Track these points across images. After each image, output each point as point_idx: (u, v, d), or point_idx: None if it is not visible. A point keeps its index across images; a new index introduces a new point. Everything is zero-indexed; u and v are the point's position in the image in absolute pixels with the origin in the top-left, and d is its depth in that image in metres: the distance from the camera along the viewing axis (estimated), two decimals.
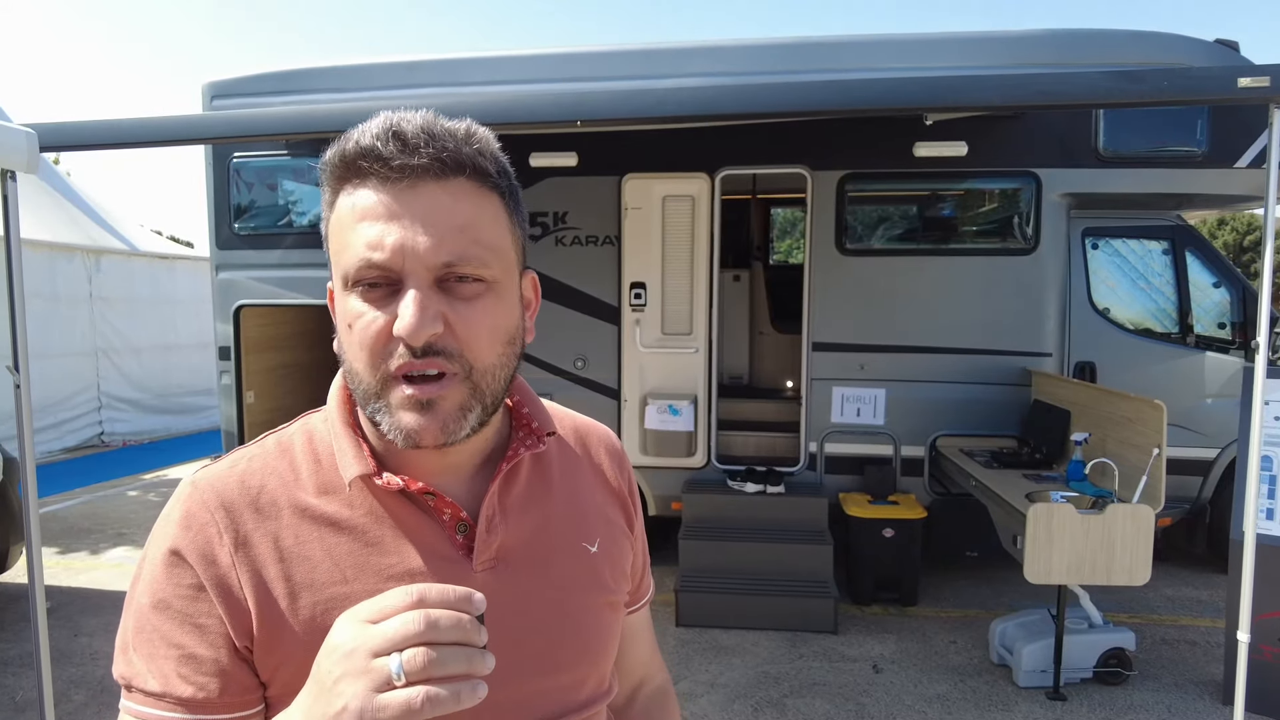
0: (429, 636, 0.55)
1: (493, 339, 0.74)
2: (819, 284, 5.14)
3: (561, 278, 5.31)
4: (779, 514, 4.89)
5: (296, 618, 0.73)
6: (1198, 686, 3.80)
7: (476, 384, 0.73)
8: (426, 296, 0.69)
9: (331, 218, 0.74)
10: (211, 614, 0.72)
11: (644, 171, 5.17)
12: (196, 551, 0.73)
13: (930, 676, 3.92)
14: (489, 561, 0.79)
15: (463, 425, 0.73)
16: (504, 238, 0.76)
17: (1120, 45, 4.59)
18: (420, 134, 0.70)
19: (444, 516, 0.78)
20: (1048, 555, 3.42)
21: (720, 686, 3.82)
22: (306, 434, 0.82)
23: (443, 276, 0.71)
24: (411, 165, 0.69)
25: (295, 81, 5.33)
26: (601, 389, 5.35)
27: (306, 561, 0.74)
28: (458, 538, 0.78)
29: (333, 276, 0.75)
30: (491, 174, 0.74)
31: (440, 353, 0.70)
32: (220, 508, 0.75)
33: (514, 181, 0.79)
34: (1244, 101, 2.74)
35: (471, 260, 0.71)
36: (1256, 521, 3.07)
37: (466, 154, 0.72)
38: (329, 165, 0.73)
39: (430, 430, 0.71)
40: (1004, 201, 5.13)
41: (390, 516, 0.77)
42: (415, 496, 0.78)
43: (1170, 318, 5.22)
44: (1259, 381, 3.00)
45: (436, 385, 0.71)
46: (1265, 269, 2.93)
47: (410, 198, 0.70)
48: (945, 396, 5.05)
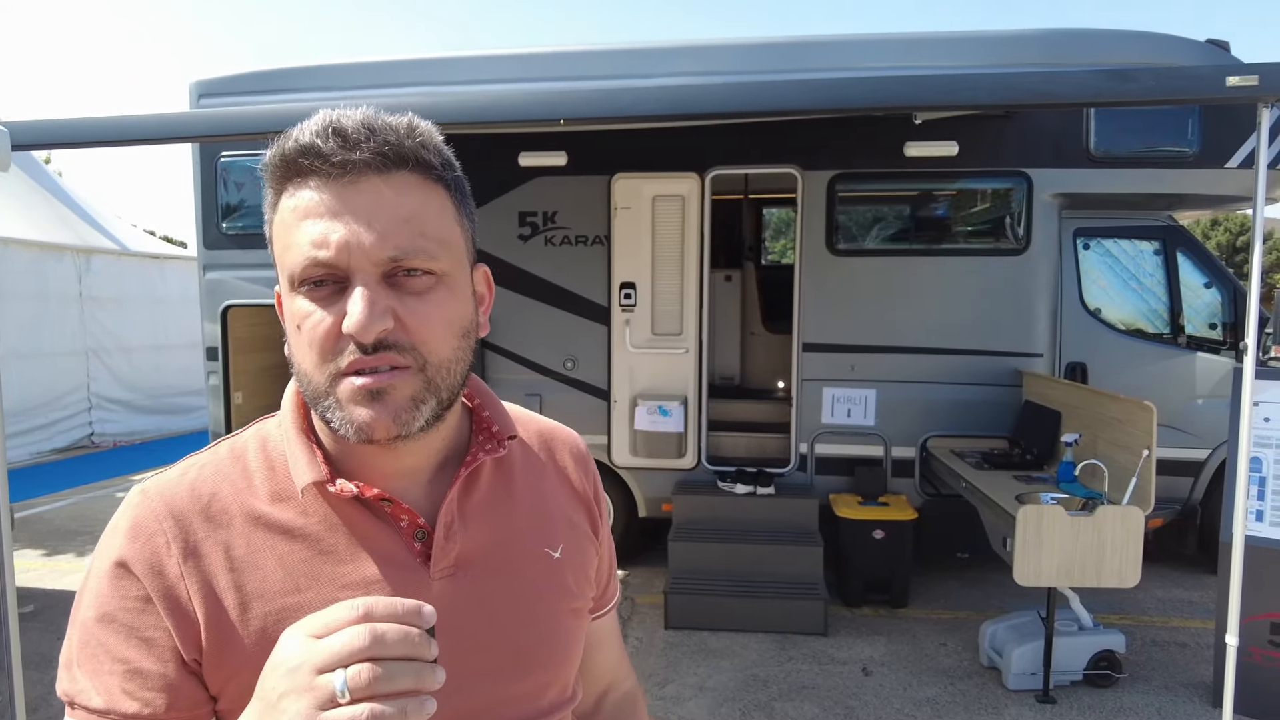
0: (375, 651, 0.54)
1: (447, 332, 0.73)
2: (809, 284, 5.12)
3: (551, 278, 5.28)
4: (769, 515, 4.87)
5: (247, 629, 0.71)
6: (1188, 689, 3.78)
7: (431, 378, 0.72)
8: (375, 292, 0.68)
9: (275, 219, 0.72)
10: (159, 627, 0.70)
11: (634, 171, 5.15)
12: (143, 562, 0.71)
13: (920, 679, 3.90)
14: (448, 569, 0.77)
15: (416, 417, 0.71)
16: (451, 230, 0.74)
17: (1110, 45, 4.58)
18: (361, 129, 0.69)
19: (401, 523, 0.77)
20: (1037, 557, 3.40)
21: (708, 690, 3.80)
22: (260, 439, 0.80)
23: (390, 271, 0.69)
24: (353, 160, 0.68)
25: (283, 80, 5.29)
26: (591, 390, 5.32)
27: (258, 571, 0.73)
28: (415, 545, 0.77)
29: (279, 279, 0.73)
30: (435, 166, 0.73)
31: (392, 347, 0.69)
32: (169, 516, 0.73)
33: (459, 174, 0.78)
34: (1233, 101, 2.73)
35: (419, 253, 0.70)
36: (1245, 523, 3.06)
37: (409, 147, 0.71)
38: (269, 165, 0.71)
39: (382, 421, 0.69)
40: (995, 202, 5.11)
41: (345, 524, 0.75)
42: (371, 503, 0.76)
43: (1162, 318, 5.20)
44: (1248, 382, 2.98)
45: (388, 375, 0.69)
46: (1254, 269, 2.91)
47: (353, 193, 0.69)
48: (936, 397, 5.03)
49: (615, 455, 5.29)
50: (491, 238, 5.29)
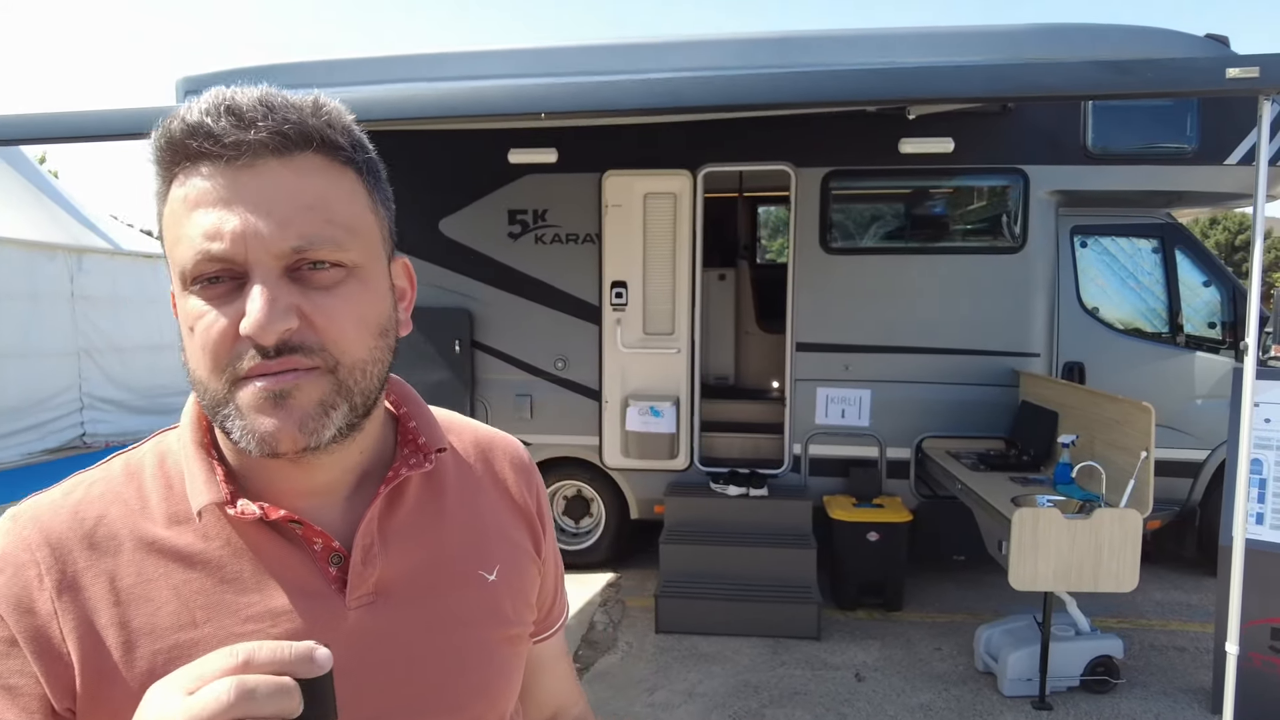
0: (242, 710, 0.45)
1: (360, 330, 0.65)
2: (803, 283, 5.05)
3: (541, 276, 5.21)
4: (762, 517, 4.80)
5: (132, 670, 0.63)
6: (1187, 694, 3.71)
7: (343, 380, 0.64)
8: (276, 288, 0.61)
9: (164, 211, 0.65)
10: (24, 672, 0.62)
11: (625, 168, 5.08)
12: (10, 599, 0.63)
13: (914, 685, 3.83)
14: (366, 597, 0.70)
15: (325, 424, 0.64)
16: (363, 217, 0.67)
17: (1109, 40, 4.50)
18: (257, 106, 0.62)
19: (314, 547, 0.69)
20: (1033, 561, 3.33)
21: (698, 696, 3.73)
22: (159, 455, 0.72)
23: (294, 264, 0.62)
24: (248, 141, 0.61)
25: (270, 77, 5.17)
26: (582, 390, 5.25)
27: (148, 604, 0.65)
28: (331, 570, 0.69)
29: (171, 276, 0.66)
30: (343, 147, 0.66)
31: (298, 349, 0.62)
32: (44, 545, 0.65)
33: (373, 156, 0.70)
34: (1233, 93, 2.66)
35: (325, 243, 0.63)
36: (1245, 527, 2.99)
37: (313, 126, 0.64)
38: (155, 149, 0.64)
39: (286, 431, 0.62)
40: (991, 199, 5.04)
41: (251, 549, 0.68)
42: (280, 525, 0.68)
43: (1160, 317, 5.13)
44: (1248, 383, 2.91)
45: (293, 375, 0.62)
46: (1255, 267, 2.84)
47: (249, 178, 0.61)
48: (931, 397, 4.96)
49: (607, 456, 5.22)
50: (481, 236, 5.22)
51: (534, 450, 5.25)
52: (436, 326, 5.20)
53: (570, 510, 5.48)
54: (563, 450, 5.28)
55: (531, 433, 5.24)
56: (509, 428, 4.87)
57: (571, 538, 5.46)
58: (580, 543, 5.43)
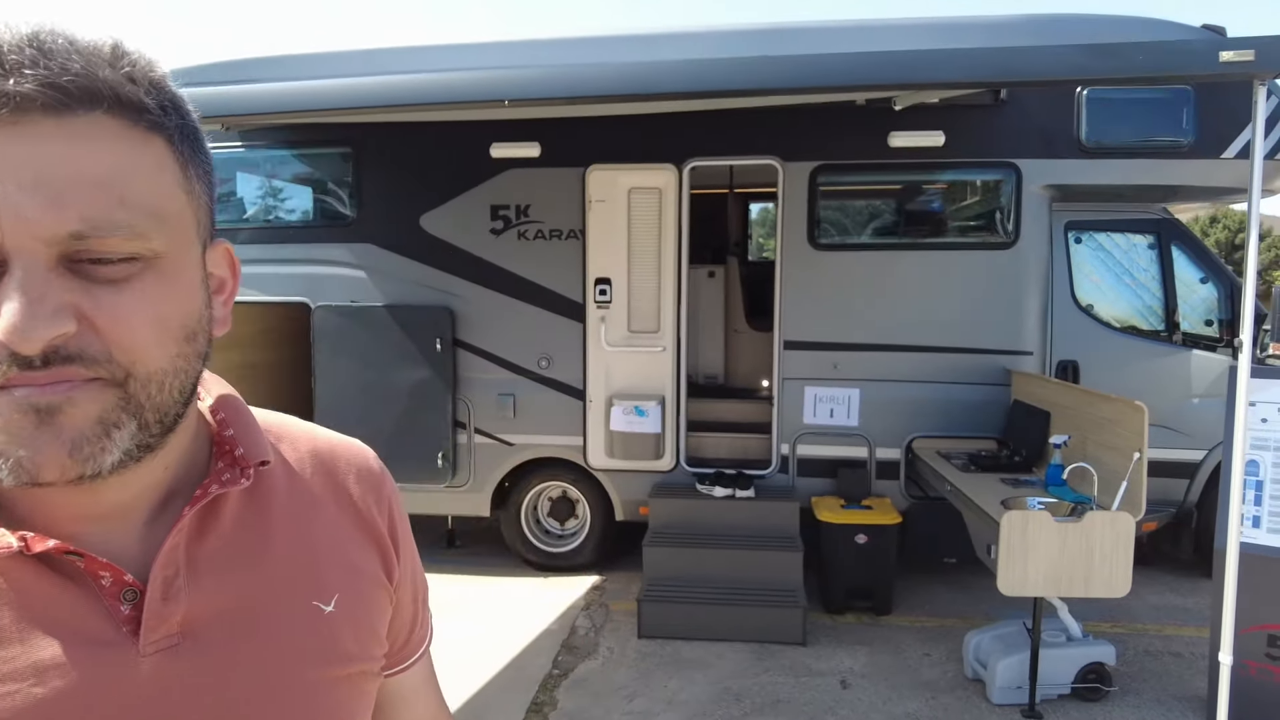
0: None
1: (159, 334, 0.53)
2: (790, 280, 4.94)
3: (524, 273, 5.11)
4: (748, 519, 4.70)
5: None
6: (1181, 702, 3.60)
7: (133, 395, 0.52)
8: (44, 282, 0.48)
9: None
10: None
11: (609, 162, 4.97)
12: None
13: (900, 692, 3.72)
14: (168, 639, 0.57)
15: (106, 447, 0.51)
16: (171, 197, 0.55)
17: (1102, 30, 4.39)
18: (25, 46, 0.48)
19: (102, 582, 0.56)
20: (1023, 565, 3.23)
21: (678, 704, 3.62)
22: None
23: (72, 254, 0.50)
24: (8, 93, 0.47)
25: (250, 71, 5.11)
26: (566, 389, 5.15)
27: None
28: (123, 609, 0.56)
29: None
30: (149, 109, 0.53)
31: (75, 359, 0.50)
32: None
33: (190, 121, 0.58)
34: (1227, 78, 2.56)
35: (117, 229, 0.50)
36: (1241, 530, 2.88)
37: (106, 79, 0.51)
38: None
39: (52, 457, 0.50)
40: (983, 194, 4.94)
41: (14, 590, 0.54)
42: (54, 558, 0.55)
43: (1156, 314, 5.02)
44: (1243, 382, 2.81)
45: (66, 386, 0.50)
46: (1249, 261, 2.73)
47: (12, 140, 0.48)
48: (922, 397, 4.85)
49: (591, 457, 5.12)
50: (463, 232, 5.12)
51: (518, 450, 5.15)
52: (417, 324, 5.10)
53: (555, 512, 5.37)
54: (547, 451, 5.17)
55: (515, 433, 5.14)
56: (492, 428, 4.70)
57: (557, 540, 5.35)
58: (565, 545, 5.32)
